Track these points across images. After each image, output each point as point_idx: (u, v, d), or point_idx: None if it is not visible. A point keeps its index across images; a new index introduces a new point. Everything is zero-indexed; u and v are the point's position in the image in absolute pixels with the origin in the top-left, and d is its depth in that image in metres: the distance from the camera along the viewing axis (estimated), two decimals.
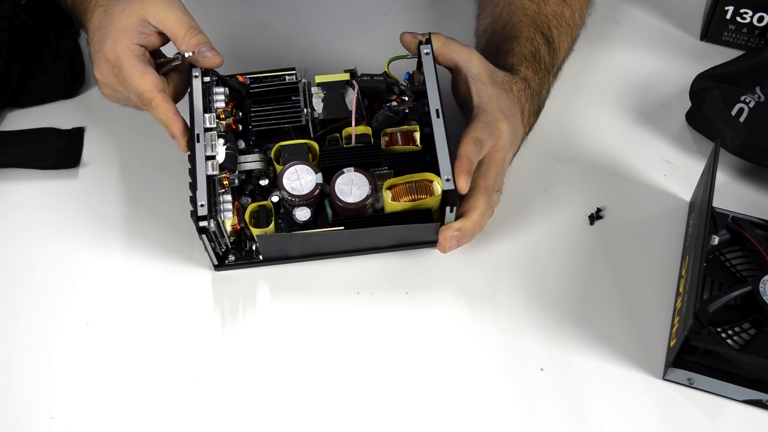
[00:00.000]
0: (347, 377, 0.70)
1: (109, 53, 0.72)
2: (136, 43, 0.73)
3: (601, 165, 0.83)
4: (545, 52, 0.81)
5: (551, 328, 0.72)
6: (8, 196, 0.81)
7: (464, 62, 0.76)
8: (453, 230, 0.71)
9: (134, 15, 0.73)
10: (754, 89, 0.80)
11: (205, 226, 0.68)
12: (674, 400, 0.68)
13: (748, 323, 0.68)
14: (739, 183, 0.81)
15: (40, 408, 0.69)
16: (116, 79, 0.73)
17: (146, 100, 0.72)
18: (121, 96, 0.75)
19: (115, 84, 0.74)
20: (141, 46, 0.73)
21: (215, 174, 0.70)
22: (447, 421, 0.68)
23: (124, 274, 0.76)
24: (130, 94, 0.73)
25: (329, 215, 0.73)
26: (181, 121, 0.73)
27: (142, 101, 0.72)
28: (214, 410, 0.69)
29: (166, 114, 0.72)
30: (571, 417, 0.67)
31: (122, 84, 0.73)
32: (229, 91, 0.76)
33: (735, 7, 0.88)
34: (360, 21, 0.95)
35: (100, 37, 0.73)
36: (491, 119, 0.73)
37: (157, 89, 0.72)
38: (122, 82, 0.73)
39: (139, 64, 0.72)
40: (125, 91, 0.73)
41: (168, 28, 0.74)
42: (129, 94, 0.73)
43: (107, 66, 0.73)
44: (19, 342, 0.73)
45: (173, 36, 0.74)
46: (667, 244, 0.77)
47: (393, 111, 0.76)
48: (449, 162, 0.69)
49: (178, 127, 0.72)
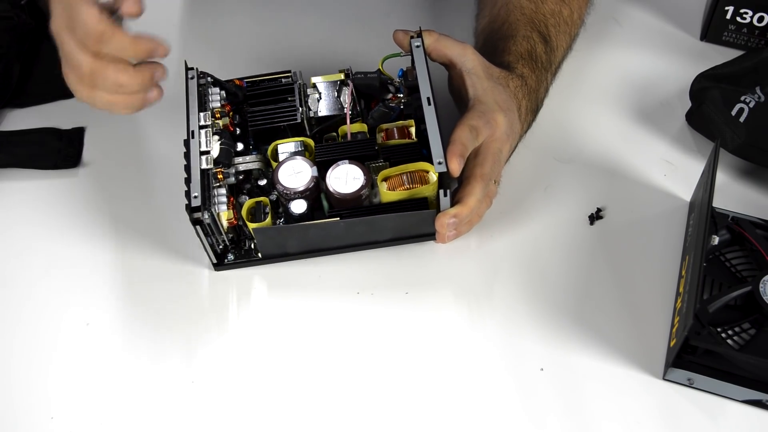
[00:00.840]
0: (347, 377, 0.70)
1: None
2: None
3: (601, 165, 0.83)
4: (542, 50, 0.81)
5: (551, 328, 0.72)
6: (8, 196, 0.82)
7: (458, 57, 0.76)
8: (449, 216, 0.71)
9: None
10: (754, 89, 0.80)
11: (198, 218, 0.68)
12: (674, 400, 0.68)
13: (748, 323, 0.68)
14: (739, 183, 0.81)
15: (40, 408, 0.69)
16: (69, 31, 0.66)
17: (97, 33, 0.64)
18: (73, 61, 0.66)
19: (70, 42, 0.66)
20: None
21: (209, 168, 0.71)
22: (447, 421, 0.67)
23: (125, 274, 0.76)
24: (78, 41, 0.65)
25: (325, 208, 0.73)
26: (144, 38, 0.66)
27: (92, 39, 0.64)
28: (214, 410, 0.69)
29: (124, 39, 0.64)
30: (571, 417, 0.67)
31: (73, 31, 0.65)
32: (226, 94, 0.78)
33: (735, 7, 0.88)
34: (359, 22, 0.95)
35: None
36: (487, 109, 0.74)
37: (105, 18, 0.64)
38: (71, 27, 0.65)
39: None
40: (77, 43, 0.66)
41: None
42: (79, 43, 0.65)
43: (60, 47, 0.67)
44: (19, 342, 0.73)
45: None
46: (667, 244, 0.77)
47: (388, 107, 0.77)
48: (441, 147, 0.70)
49: (144, 41, 0.65)
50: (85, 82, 0.67)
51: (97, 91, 0.67)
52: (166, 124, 0.84)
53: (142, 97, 0.69)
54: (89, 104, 0.69)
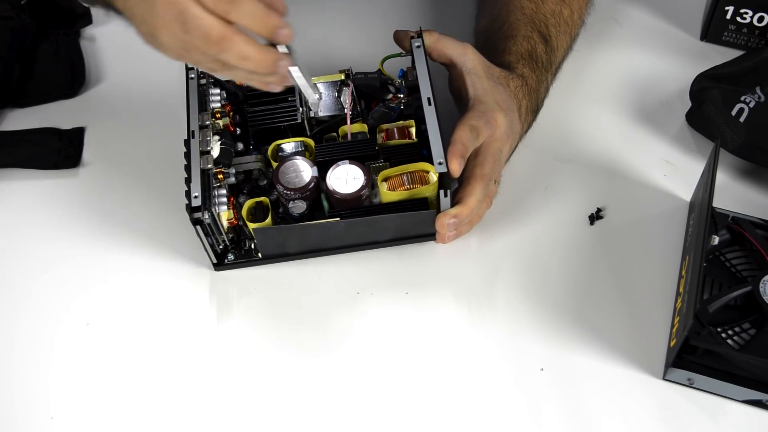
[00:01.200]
0: (347, 377, 0.70)
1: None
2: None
3: (601, 165, 0.83)
4: (542, 50, 0.81)
5: (551, 328, 0.72)
6: (8, 196, 0.82)
7: (459, 57, 0.76)
8: (449, 216, 0.71)
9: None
10: (754, 89, 0.80)
11: (198, 218, 0.68)
12: (674, 400, 0.68)
13: (748, 323, 0.68)
14: (739, 183, 0.81)
15: (40, 408, 0.69)
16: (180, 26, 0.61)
17: (215, 38, 0.61)
18: (189, 45, 0.62)
19: (179, 32, 0.61)
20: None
21: (210, 168, 0.71)
22: (447, 421, 0.67)
23: (125, 274, 0.76)
24: (195, 39, 0.61)
25: (326, 209, 0.73)
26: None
27: (209, 42, 0.61)
28: (215, 410, 0.68)
29: (257, 3, 0.61)
30: (571, 417, 0.67)
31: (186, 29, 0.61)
32: (226, 94, 0.78)
33: (735, 7, 0.88)
34: (359, 22, 0.95)
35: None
36: (487, 109, 0.74)
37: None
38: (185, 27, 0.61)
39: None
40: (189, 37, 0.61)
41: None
42: (194, 39, 0.61)
43: (168, 11, 0.61)
44: (20, 342, 0.73)
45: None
46: (667, 244, 0.77)
47: (388, 107, 0.77)
48: (441, 147, 0.70)
49: (274, 14, 0.62)
50: (212, 49, 0.62)
51: (221, 60, 0.63)
52: (166, 124, 0.84)
53: (258, 79, 0.65)
54: (209, 70, 0.65)
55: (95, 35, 0.95)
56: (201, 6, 0.60)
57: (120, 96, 0.89)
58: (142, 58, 0.91)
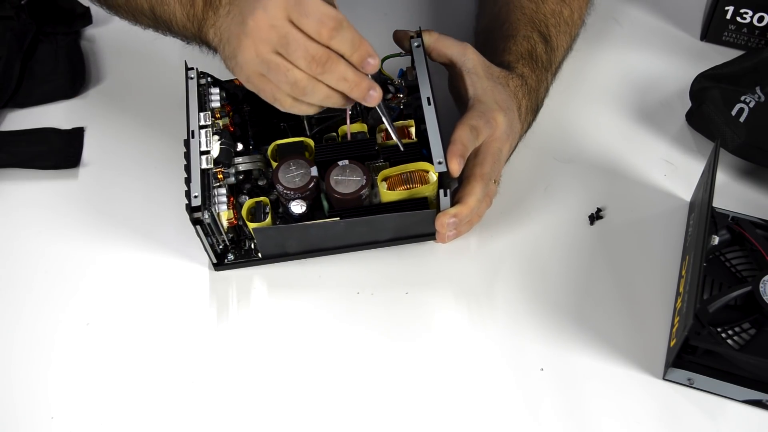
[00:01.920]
0: (347, 377, 0.70)
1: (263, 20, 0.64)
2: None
3: (601, 165, 0.83)
4: (542, 50, 0.81)
5: (551, 328, 0.72)
6: (8, 196, 0.82)
7: (459, 56, 0.77)
8: (449, 216, 0.72)
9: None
10: (754, 89, 0.80)
11: (198, 217, 0.68)
12: (674, 400, 0.68)
13: (748, 323, 0.68)
14: (739, 183, 0.81)
15: (40, 408, 0.69)
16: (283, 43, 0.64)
17: (337, 20, 0.63)
18: (270, 68, 0.65)
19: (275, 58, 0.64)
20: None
21: (209, 168, 0.71)
22: (448, 421, 0.67)
23: (125, 275, 0.76)
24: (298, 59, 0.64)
25: (326, 209, 0.73)
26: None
27: (330, 24, 0.64)
28: (214, 410, 0.68)
29: (355, 31, 0.64)
30: (571, 417, 0.67)
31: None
32: (226, 94, 0.78)
33: (735, 7, 0.88)
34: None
35: (241, 14, 0.65)
36: (487, 109, 0.74)
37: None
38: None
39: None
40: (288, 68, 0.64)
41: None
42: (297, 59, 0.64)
43: (268, 33, 0.64)
44: (19, 342, 0.73)
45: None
46: (667, 244, 0.77)
47: (388, 107, 0.76)
48: (441, 147, 0.70)
49: (367, 43, 0.65)
50: (314, 71, 0.64)
51: (321, 83, 0.65)
52: (166, 124, 0.84)
53: (344, 101, 0.67)
54: (307, 92, 0.66)
55: (95, 35, 0.95)
56: (301, 32, 0.63)
57: (120, 96, 0.89)
58: (142, 58, 0.92)
